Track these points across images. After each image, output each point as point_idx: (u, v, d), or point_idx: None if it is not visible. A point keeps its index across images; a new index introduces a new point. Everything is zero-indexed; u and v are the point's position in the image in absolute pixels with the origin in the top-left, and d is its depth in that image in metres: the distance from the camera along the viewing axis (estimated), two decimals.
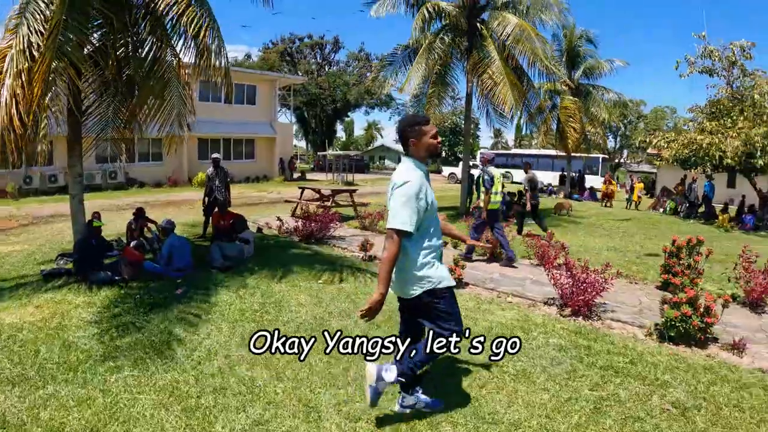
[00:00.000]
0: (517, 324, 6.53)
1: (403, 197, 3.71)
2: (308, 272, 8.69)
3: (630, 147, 72.31)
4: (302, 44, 65.67)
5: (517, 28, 16.36)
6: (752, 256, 8.16)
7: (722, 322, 6.75)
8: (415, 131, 3.93)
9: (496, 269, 9.79)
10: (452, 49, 18.69)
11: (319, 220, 11.71)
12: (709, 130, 20.91)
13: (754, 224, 20.83)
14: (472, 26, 17.94)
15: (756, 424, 4.28)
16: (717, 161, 19.95)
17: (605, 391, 4.72)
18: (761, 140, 18.73)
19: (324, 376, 4.75)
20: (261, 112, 34.93)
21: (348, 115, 76.34)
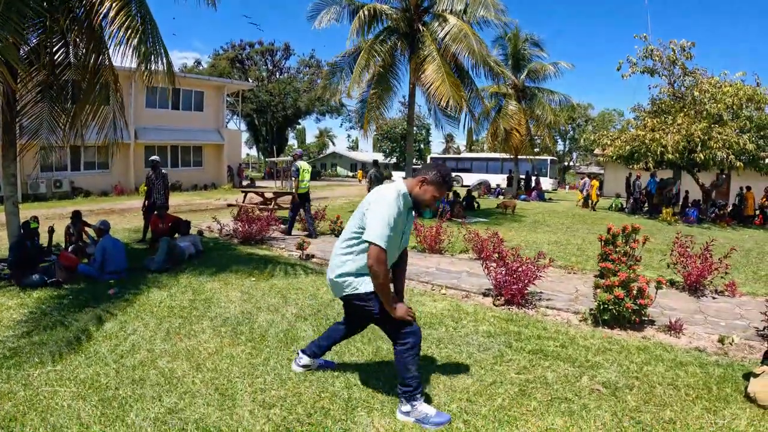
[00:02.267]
0: (447, 314, 6.63)
1: (381, 212, 3.74)
2: (242, 271, 8.71)
3: (579, 149, 73.67)
4: (253, 51, 65.13)
5: (456, 28, 16.70)
6: (687, 243, 8.39)
7: (660, 306, 7.01)
8: (433, 179, 3.90)
9: (432, 263, 9.96)
10: (394, 52, 18.80)
11: (258, 222, 11.67)
12: (650, 127, 21.47)
13: (697, 217, 21.59)
14: (413, 29, 18.07)
15: (692, 400, 4.37)
16: (659, 157, 20.47)
17: (532, 374, 4.78)
18: (701, 135, 19.35)
19: (244, 366, 4.76)
20: (209, 118, 34.47)
21: (299, 123, 76.03)
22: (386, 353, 5.10)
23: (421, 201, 3.92)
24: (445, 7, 18.06)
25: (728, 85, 20.87)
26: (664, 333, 6.17)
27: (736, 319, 7.03)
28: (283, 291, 7.48)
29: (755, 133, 20.57)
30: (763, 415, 4.17)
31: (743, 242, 15.12)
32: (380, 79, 18.70)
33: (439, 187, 3.88)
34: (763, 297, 7.66)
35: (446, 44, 17.23)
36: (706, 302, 7.90)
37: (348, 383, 4.42)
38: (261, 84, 60.97)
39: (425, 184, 3.87)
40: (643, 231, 6.89)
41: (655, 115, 23.27)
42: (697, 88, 21.46)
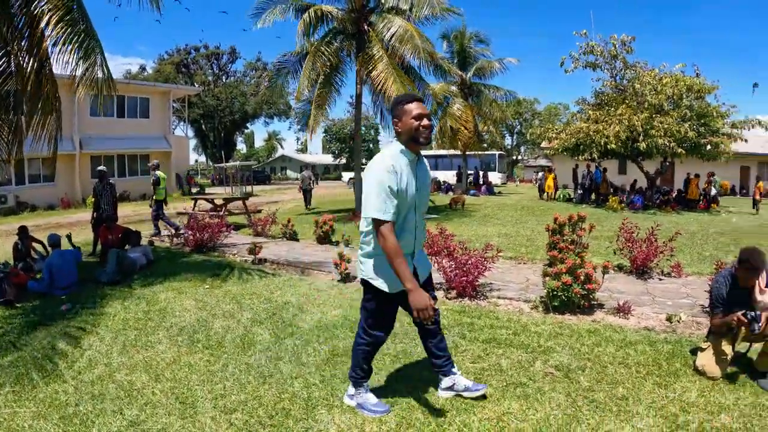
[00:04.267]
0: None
1: (371, 182, 3.43)
2: (196, 279, 8.62)
3: (526, 143, 74.72)
4: (198, 55, 64.15)
5: (401, 28, 16.74)
6: (632, 228, 8.64)
7: (609, 290, 7.20)
8: (398, 111, 3.54)
9: None
10: (341, 52, 18.79)
11: (209, 229, 11.52)
12: (594, 119, 22.05)
13: (643, 204, 22.37)
14: (360, 29, 18.09)
15: (643, 377, 4.54)
16: (603, 147, 21.03)
17: (487, 363, 4.87)
18: (643, 125, 19.98)
19: (203, 373, 4.72)
20: (155, 125, 33.85)
21: (247, 127, 75.27)
22: (343, 351, 5.12)
23: (414, 136, 3.49)
24: (390, 7, 18.17)
25: (668, 76, 21.67)
26: (614, 315, 6.37)
27: (683, 298, 7.30)
28: (238, 297, 7.43)
29: (696, 121, 21.38)
30: (712, 386, 4.37)
31: (688, 225, 15.61)
32: (327, 80, 18.72)
33: (405, 110, 3.48)
34: (708, 276, 7.91)
35: (392, 45, 17.32)
36: (653, 284, 8.19)
37: (307, 383, 4.43)
38: (207, 88, 60.07)
39: (399, 123, 3.51)
40: (590, 219, 7.06)
41: (599, 107, 23.95)
42: (638, 80, 22.18)
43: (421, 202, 3.67)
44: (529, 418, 3.83)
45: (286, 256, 10.57)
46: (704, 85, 21.72)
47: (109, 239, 10.19)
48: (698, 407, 4.02)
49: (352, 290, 7.70)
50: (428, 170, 3.83)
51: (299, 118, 23.18)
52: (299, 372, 4.65)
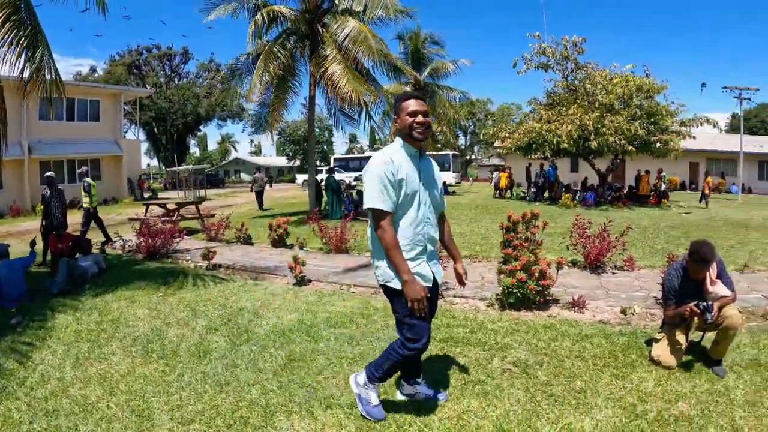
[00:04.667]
0: (357, 311, 6.65)
1: (369, 175, 3.45)
2: (149, 287, 8.39)
3: (480, 143, 75.49)
4: (150, 56, 62.75)
5: (355, 30, 16.72)
6: (585, 224, 8.76)
7: (564, 285, 7.31)
8: (396, 108, 3.60)
9: (340, 264, 9.93)
10: (294, 53, 18.63)
11: (162, 235, 11.25)
12: (546, 119, 22.44)
13: (595, 200, 22.84)
14: (313, 30, 17.98)
15: (600, 369, 4.62)
16: (555, 146, 21.40)
17: (444, 362, 4.87)
18: (594, 124, 20.43)
19: (158, 384, 4.59)
20: (106, 129, 32.88)
21: (200, 129, 74.15)
22: (300, 356, 5.06)
23: (409, 133, 3.50)
24: (344, 8, 18.11)
25: (618, 76, 22.26)
26: (569, 310, 6.47)
27: (636, 291, 7.45)
28: (192, 304, 7.27)
29: (646, 119, 22.04)
30: (668, 376, 4.47)
31: (640, 220, 15.98)
32: (281, 81, 18.53)
33: (401, 107, 3.54)
34: (660, 269, 8.05)
35: (346, 46, 17.25)
36: (607, 278, 8.35)
37: (265, 390, 4.35)
38: (159, 90, 58.89)
39: (396, 117, 3.58)
40: (543, 216, 7.13)
41: (551, 107, 24.42)
42: (589, 80, 22.70)
43: (430, 199, 3.65)
44: (489, 415, 3.83)
45: (240, 260, 10.41)
46: (654, 84, 22.41)
47: (59, 248, 9.83)
48: (656, 396, 4.09)
49: (308, 293, 7.64)
50: (435, 167, 3.81)
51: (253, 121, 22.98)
52: (256, 379, 4.57)
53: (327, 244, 11.20)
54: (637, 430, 3.64)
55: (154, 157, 78.66)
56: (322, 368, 4.75)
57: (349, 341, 5.45)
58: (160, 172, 73.59)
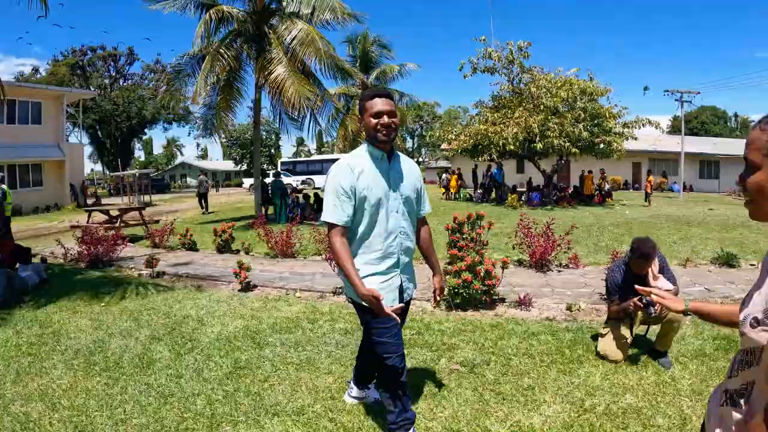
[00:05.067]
0: (303, 316, 6.58)
1: (328, 184, 3.20)
2: (91, 297, 8.07)
3: (427, 146, 76.07)
4: (95, 56, 60.66)
5: (303, 32, 16.66)
6: (530, 223, 8.88)
7: (510, 284, 7.37)
8: (360, 107, 3.30)
9: (286, 269, 9.84)
10: (241, 55, 18.37)
11: (105, 243, 10.90)
12: (492, 121, 22.81)
13: (540, 200, 23.34)
14: (260, 32, 17.76)
15: (547, 366, 4.67)
16: (501, 148, 21.74)
17: None
18: (539, 126, 20.87)
19: (102, 398, 4.41)
20: (48, 132, 31.56)
21: (145, 133, 72.36)
22: (245, 363, 4.97)
23: (373, 135, 3.18)
24: (292, 11, 17.95)
25: (563, 79, 22.88)
26: (515, 308, 6.54)
27: (582, 287, 7.58)
28: (135, 313, 7.04)
29: (589, 122, 22.59)
30: (615, 369, 4.55)
31: (584, 219, 16.27)
32: (227, 83, 18.27)
33: (365, 107, 3.22)
34: (604, 265, 8.21)
35: (293, 48, 17.12)
36: (552, 276, 8.50)
37: (210, 400, 4.23)
38: (104, 92, 57.08)
39: (360, 117, 3.29)
40: (490, 217, 7.19)
41: (496, 110, 24.83)
42: (534, 84, 23.08)
43: (405, 205, 3.33)
44: (438, 416, 3.81)
45: (185, 267, 10.19)
46: (597, 88, 23.14)
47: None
48: (603, 390, 4.14)
49: (254, 299, 7.52)
50: (410, 168, 3.46)
51: (199, 124, 22.60)
52: (201, 388, 4.44)
53: (273, 248, 11.08)
54: (586, 424, 3.67)
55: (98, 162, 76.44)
56: (268, 375, 4.67)
57: (295, 346, 5.38)
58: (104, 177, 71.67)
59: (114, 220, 15.42)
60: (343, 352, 5.15)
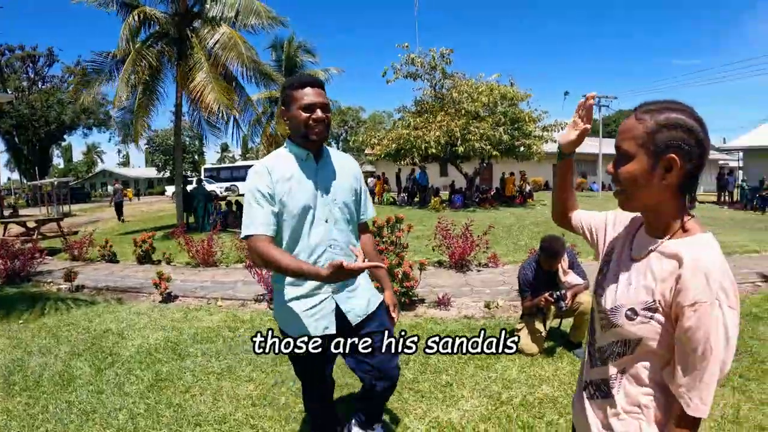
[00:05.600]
0: (224, 325, 6.55)
1: (246, 194, 2.66)
2: (8, 314, 7.73)
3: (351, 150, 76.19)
4: (13, 57, 57.52)
5: (225, 36, 16.48)
6: (448, 225, 9.10)
7: (429, 285, 7.53)
8: (285, 97, 2.69)
9: (207, 278, 9.72)
10: (162, 58, 17.93)
11: (22, 257, 10.41)
12: (415, 125, 23.20)
13: (462, 202, 23.90)
14: (182, 35, 17.40)
15: (464, 362, 4.83)
16: (424, 152, 22.12)
17: None
18: (460, 131, 21.36)
19: (23, 418, 4.26)
20: None
21: (65, 139, 69.35)
22: (166, 375, 4.90)
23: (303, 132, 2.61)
24: (215, 14, 17.64)
25: (484, 85, 23.46)
26: (435, 308, 6.72)
27: (500, 285, 7.84)
28: (54, 329, 6.80)
29: (509, 125, 23.25)
30: (531, 362, 4.77)
31: (505, 220, 16.70)
32: (147, 87, 17.75)
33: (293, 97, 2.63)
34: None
35: (216, 52, 16.87)
36: (472, 276, 8.73)
37: (132, 414, 4.17)
38: (21, 95, 54.40)
39: (285, 109, 2.70)
40: (413, 220, 7.29)
41: (419, 114, 25.14)
42: (456, 89, 23.59)
43: (339, 212, 2.75)
44: None
45: (105, 280, 9.87)
46: (518, 93, 23.90)
47: None
48: (520, 382, 4.32)
49: (174, 310, 7.38)
50: (345, 167, 2.87)
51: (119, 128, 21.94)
52: (123, 403, 4.36)
53: (194, 257, 10.87)
54: (503, 416, 3.81)
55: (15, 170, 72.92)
56: (190, 386, 4.63)
57: (216, 356, 5.35)
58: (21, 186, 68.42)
59: (31, 232, 14.79)
60: (264, 359, 5.15)
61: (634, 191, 1.49)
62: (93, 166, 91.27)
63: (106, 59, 18.02)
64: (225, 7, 17.58)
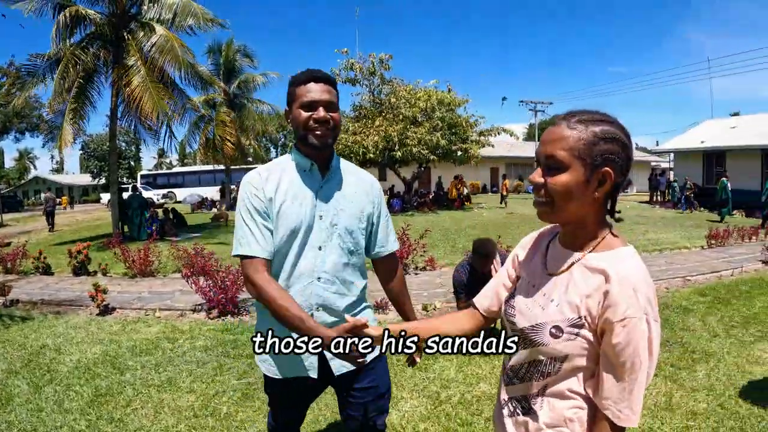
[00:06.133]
0: (163, 336, 6.46)
1: (237, 206, 2.30)
2: None
3: None
4: None
5: (163, 38, 16.17)
6: None
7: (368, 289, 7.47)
8: (288, 97, 2.31)
9: (145, 288, 9.53)
10: (97, 60, 17.42)
11: None
12: (353, 130, 23.37)
13: (401, 206, 24.42)
14: (118, 37, 16.96)
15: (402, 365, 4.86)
16: (362, 157, 22.31)
17: (253, 377, 4.91)
18: (398, 136, 21.66)
19: None
20: None
21: None
22: (106, 390, 4.81)
23: (302, 135, 2.22)
24: (153, 16, 17.31)
25: (422, 91, 23.95)
26: (374, 312, 6.67)
27: (438, 288, 8.06)
28: None
29: (447, 131, 23.67)
30: (469, 361, 4.94)
31: (443, 222, 17.04)
32: (82, 90, 17.22)
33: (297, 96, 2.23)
34: None
35: (153, 55, 16.52)
36: (410, 278, 8.91)
37: (73, 431, 4.10)
38: None
39: (288, 110, 2.31)
40: None
41: (357, 119, 25.33)
42: (394, 95, 23.97)
43: (334, 239, 2.27)
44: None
45: (40, 293, 9.52)
46: (455, 98, 24.50)
47: None
48: (458, 381, 4.49)
49: (112, 323, 7.20)
50: (360, 187, 2.40)
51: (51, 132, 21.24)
52: (63, 420, 4.27)
53: (131, 268, 10.59)
54: (442, 414, 3.95)
55: None
56: (131, 399, 4.57)
57: (156, 368, 5.30)
58: None
59: None
60: (204, 369, 5.16)
61: (564, 203, 1.42)
62: (25, 173, 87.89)
63: (42, 61, 17.45)
64: (163, 9, 17.31)
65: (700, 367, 4.95)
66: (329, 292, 2.25)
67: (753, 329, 6.16)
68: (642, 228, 16.39)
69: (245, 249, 2.16)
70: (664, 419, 3.95)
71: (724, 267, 9.84)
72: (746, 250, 11.71)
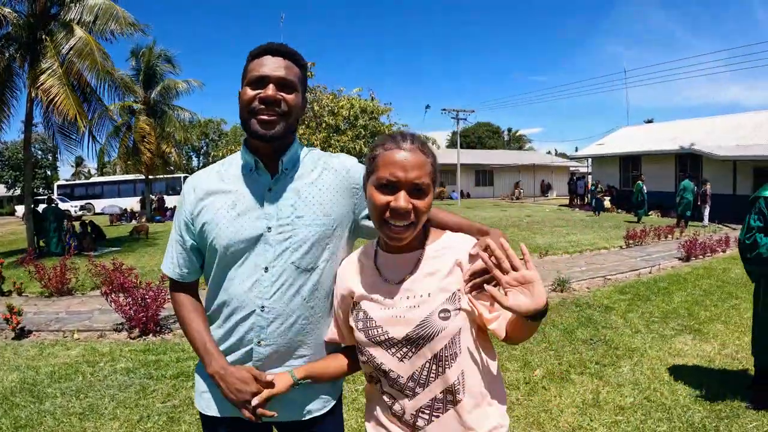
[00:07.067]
0: (82, 359, 6.25)
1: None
2: None
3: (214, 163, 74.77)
4: None
5: (81, 42, 15.77)
6: None
7: None
8: (242, 77, 1.79)
9: (62, 308, 9.14)
10: (12, 63, 16.68)
11: None
12: None
13: None
14: (35, 39, 16.29)
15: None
16: None
17: (178, 398, 4.89)
18: (320, 144, 22.06)
19: None
20: None
21: None
22: (26, 421, 4.66)
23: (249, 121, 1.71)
24: (73, 17, 16.72)
25: (345, 99, 24.26)
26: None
27: None
28: None
29: (370, 139, 23.89)
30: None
31: None
32: None
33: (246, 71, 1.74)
34: None
35: (70, 59, 16.03)
36: None
37: None
38: None
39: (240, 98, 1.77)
40: None
41: None
42: (317, 103, 24.06)
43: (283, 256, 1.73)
44: None
45: None
46: (378, 107, 24.92)
47: None
48: None
49: (29, 347, 6.88)
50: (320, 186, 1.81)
51: None
52: None
53: (47, 286, 10.06)
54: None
55: None
56: (52, 430, 4.43)
57: (77, 395, 5.13)
58: None
59: None
60: (127, 394, 5.06)
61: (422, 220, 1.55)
62: None
63: None
64: (84, 10, 16.82)
65: (624, 362, 5.32)
66: (274, 326, 1.74)
67: (673, 323, 6.70)
68: (563, 230, 17.20)
69: (163, 265, 1.92)
70: (592, 416, 4.22)
71: (642, 265, 10.58)
72: (663, 249, 12.59)
